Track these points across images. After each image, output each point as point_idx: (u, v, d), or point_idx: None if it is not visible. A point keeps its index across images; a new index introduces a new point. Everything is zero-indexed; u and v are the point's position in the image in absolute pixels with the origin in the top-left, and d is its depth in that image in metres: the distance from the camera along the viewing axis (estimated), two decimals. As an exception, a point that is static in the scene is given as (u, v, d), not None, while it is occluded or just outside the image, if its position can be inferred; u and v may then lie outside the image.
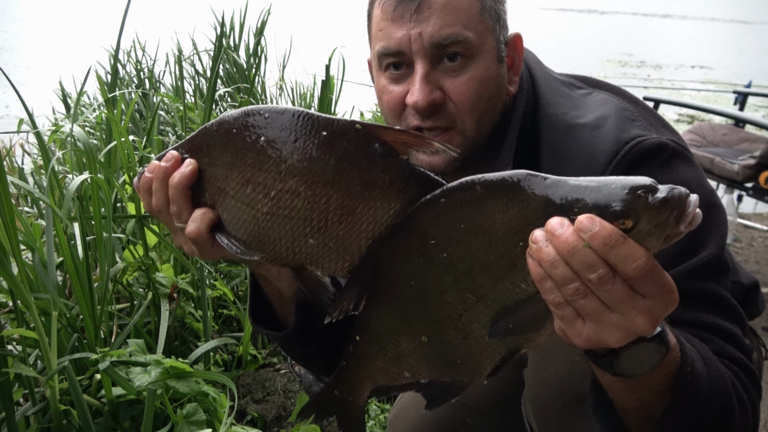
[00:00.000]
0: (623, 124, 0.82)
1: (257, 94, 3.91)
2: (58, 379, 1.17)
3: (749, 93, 4.05)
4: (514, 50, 0.89)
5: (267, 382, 1.68)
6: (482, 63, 0.83)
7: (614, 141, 0.80)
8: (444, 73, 0.83)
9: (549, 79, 0.90)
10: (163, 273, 1.56)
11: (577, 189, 0.48)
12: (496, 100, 0.87)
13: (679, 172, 0.79)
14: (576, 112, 0.85)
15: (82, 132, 1.31)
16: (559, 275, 0.49)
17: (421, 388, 0.68)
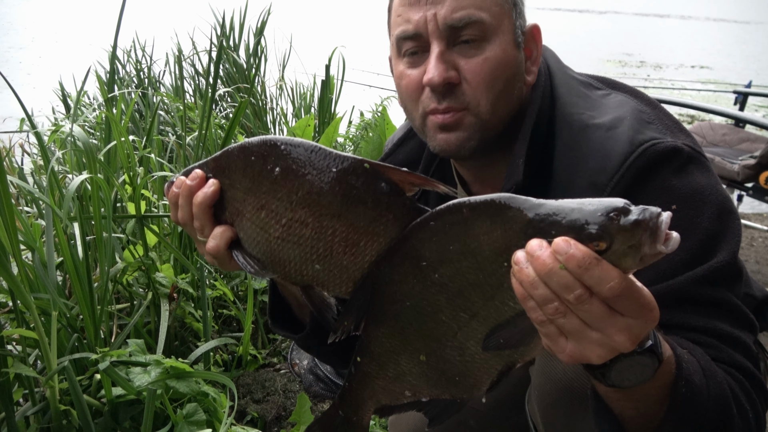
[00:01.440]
0: (639, 126, 0.81)
1: (257, 94, 3.91)
2: (58, 379, 1.17)
3: (749, 93, 4.05)
4: (533, 41, 0.88)
5: (267, 382, 1.68)
6: (498, 45, 0.83)
7: (628, 143, 0.79)
8: (459, 54, 0.83)
9: (567, 78, 0.90)
10: (163, 273, 1.56)
11: (555, 211, 0.50)
12: (512, 85, 0.86)
13: (693, 177, 0.78)
14: (592, 113, 0.84)
15: (82, 132, 1.31)
16: (540, 295, 0.51)
17: (422, 407, 0.70)
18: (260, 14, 4.12)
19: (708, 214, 0.77)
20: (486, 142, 0.86)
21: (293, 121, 3.95)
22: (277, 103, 4.17)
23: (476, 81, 0.82)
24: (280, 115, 4.05)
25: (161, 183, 1.84)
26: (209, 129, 2.05)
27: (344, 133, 2.60)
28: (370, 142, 2.68)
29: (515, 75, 0.86)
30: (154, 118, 1.90)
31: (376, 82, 4.28)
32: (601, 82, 0.93)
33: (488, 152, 0.89)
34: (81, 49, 8.73)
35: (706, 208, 0.77)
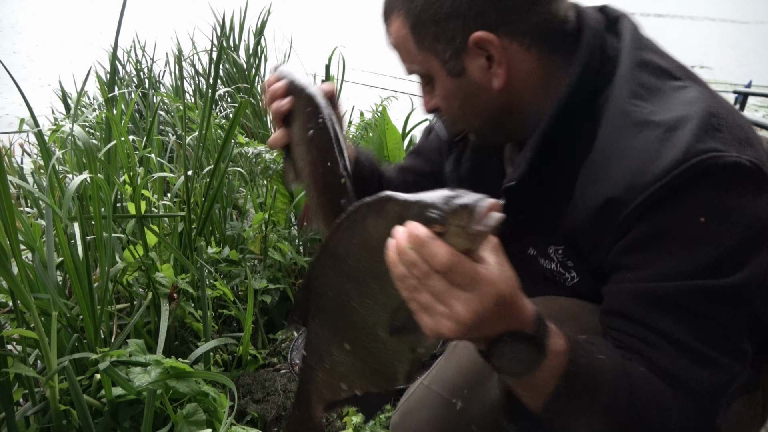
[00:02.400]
0: (703, 133, 0.71)
1: (257, 94, 3.92)
2: (58, 379, 1.17)
3: (749, 93, 4.05)
4: (479, 51, 0.82)
5: (267, 382, 1.68)
6: (439, 84, 0.88)
7: (684, 150, 0.70)
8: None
9: (635, 64, 0.79)
10: (163, 273, 1.56)
11: (415, 202, 0.61)
12: (469, 106, 0.88)
13: (739, 195, 0.70)
14: (655, 107, 0.76)
15: (82, 132, 1.31)
16: (399, 274, 0.61)
17: (358, 402, 0.76)
18: (260, 14, 4.12)
19: (736, 234, 0.70)
20: (498, 140, 0.93)
21: (293, 121, 3.94)
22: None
23: (448, 114, 0.93)
24: (280, 115, 4.04)
25: (161, 183, 1.84)
26: (209, 129, 2.05)
27: (344, 133, 2.60)
28: (370, 142, 2.68)
29: (467, 98, 0.87)
30: (154, 118, 1.90)
31: (376, 82, 4.28)
32: (680, 69, 0.83)
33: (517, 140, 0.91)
34: (81, 49, 8.73)
35: (736, 227, 0.70)
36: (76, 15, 14.36)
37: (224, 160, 1.74)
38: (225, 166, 1.75)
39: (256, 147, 2.29)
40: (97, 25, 12.00)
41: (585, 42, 0.82)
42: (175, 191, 1.75)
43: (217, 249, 1.88)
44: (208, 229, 1.98)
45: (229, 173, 2.14)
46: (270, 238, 2.13)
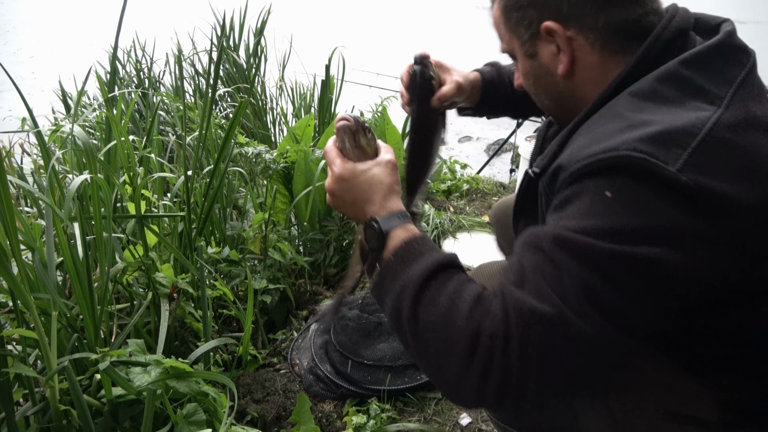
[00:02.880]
0: (654, 140, 0.71)
1: (257, 94, 3.91)
2: (58, 379, 1.17)
3: (749, 93, 4.04)
4: (549, 38, 0.90)
5: (267, 382, 1.68)
6: (519, 62, 0.99)
7: (623, 141, 0.72)
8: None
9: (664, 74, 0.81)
10: (163, 273, 1.56)
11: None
12: (539, 86, 0.98)
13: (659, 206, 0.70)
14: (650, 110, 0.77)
15: (82, 132, 1.31)
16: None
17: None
18: (260, 14, 4.12)
19: (630, 220, 0.70)
20: (562, 121, 0.98)
21: (293, 121, 3.95)
22: (277, 103, 4.17)
23: (527, 90, 1.02)
24: (280, 115, 4.05)
25: (161, 183, 1.84)
26: (209, 129, 2.05)
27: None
28: (370, 142, 2.67)
29: (537, 79, 0.97)
30: (154, 118, 1.90)
31: (376, 82, 4.28)
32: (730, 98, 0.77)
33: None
34: (81, 49, 8.73)
35: (635, 217, 0.71)
36: (75, 15, 14.36)
37: (224, 160, 1.74)
38: (225, 166, 1.74)
39: (256, 147, 2.29)
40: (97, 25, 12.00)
41: (642, 49, 0.84)
42: (175, 191, 1.75)
43: (217, 249, 1.88)
44: (208, 229, 1.98)
45: (229, 173, 2.14)
46: (270, 238, 2.13)
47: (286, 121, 3.92)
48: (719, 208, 0.70)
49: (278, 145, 2.71)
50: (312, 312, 2.12)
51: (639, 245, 0.70)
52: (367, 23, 14.85)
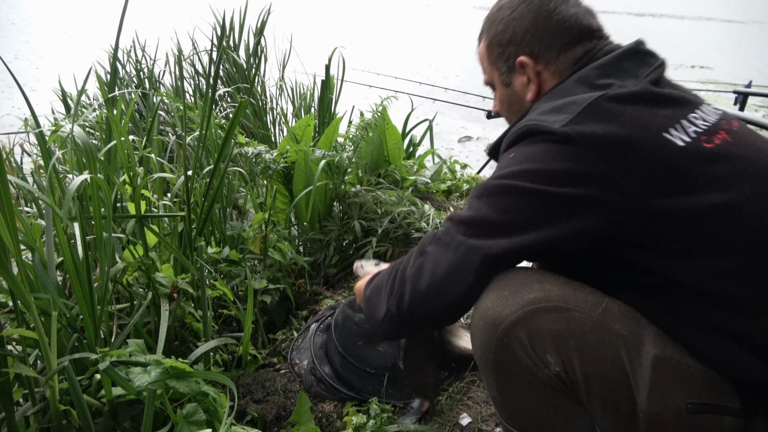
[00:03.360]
0: (541, 111, 0.99)
1: (257, 94, 3.91)
2: (58, 379, 1.17)
3: (749, 93, 4.05)
4: (522, 70, 1.13)
5: (267, 382, 1.67)
6: (497, 91, 1.21)
7: (527, 118, 1.01)
8: None
9: (573, 81, 1.04)
10: (163, 273, 1.56)
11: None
12: (512, 110, 1.20)
13: (532, 145, 0.96)
14: (551, 103, 1.00)
15: (82, 132, 1.31)
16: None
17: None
18: (260, 14, 4.12)
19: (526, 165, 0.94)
20: None
21: (293, 121, 3.95)
22: (277, 103, 4.18)
23: (502, 115, 1.25)
24: (280, 115, 4.05)
25: (161, 183, 1.84)
26: (209, 129, 2.05)
27: (344, 133, 2.60)
28: (370, 142, 2.67)
29: (511, 105, 1.19)
30: (154, 118, 1.90)
31: (376, 82, 4.28)
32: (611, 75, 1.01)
33: None
34: (81, 49, 8.72)
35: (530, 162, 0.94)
36: (75, 15, 14.35)
37: (224, 160, 1.74)
38: (225, 166, 1.74)
39: (256, 147, 2.29)
40: (97, 25, 11.99)
41: (576, 66, 1.07)
42: (175, 191, 1.75)
43: (217, 249, 1.88)
44: (208, 229, 1.98)
45: (229, 173, 2.14)
46: (270, 238, 2.13)
47: (286, 121, 3.92)
48: (592, 146, 0.89)
49: (278, 145, 2.71)
50: (312, 312, 2.12)
51: (529, 181, 0.92)
52: (367, 23, 14.85)
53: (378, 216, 2.40)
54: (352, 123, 3.11)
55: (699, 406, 0.88)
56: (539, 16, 1.09)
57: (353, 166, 2.62)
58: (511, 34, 1.12)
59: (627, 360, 0.90)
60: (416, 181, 2.82)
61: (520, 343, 0.93)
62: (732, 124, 0.97)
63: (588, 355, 0.91)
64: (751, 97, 4.72)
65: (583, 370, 0.91)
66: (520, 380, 0.96)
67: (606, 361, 0.90)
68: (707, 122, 0.94)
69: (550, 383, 0.94)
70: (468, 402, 1.60)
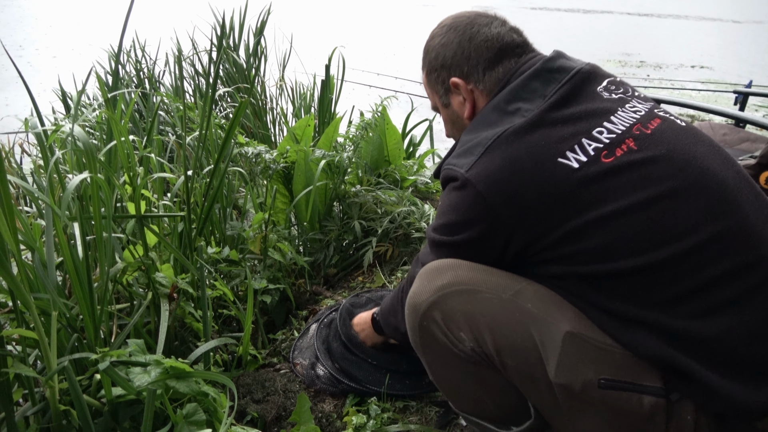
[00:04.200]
0: (457, 155, 1.09)
1: (257, 94, 3.91)
2: (57, 379, 1.17)
3: (749, 93, 4.04)
4: (456, 90, 1.22)
5: (267, 382, 1.67)
6: (442, 112, 1.31)
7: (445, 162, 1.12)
8: None
9: (489, 109, 1.12)
10: (163, 273, 1.56)
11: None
12: (456, 128, 1.29)
13: (450, 193, 1.07)
14: (469, 137, 1.10)
15: (82, 132, 1.31)
16: None
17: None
18: (260, 14, 4.12)
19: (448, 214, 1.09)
20: None
21: (293, 121, 3.95)
22: (277, 103, 4.18)
23: (451, 135, 1.34)
24: (280, 115, 4.05)
25: (161, 183, 1.84)
26: (209, 129, 2.05)
27: (344, 133, 2.60)
28: (370, 142, 2.67)
29: (454, 122, 1.28)
30: (155, 118, 1.90)
31: (376, 82, 4.28)
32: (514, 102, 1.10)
33: None
34: (81, 49, 8.72)
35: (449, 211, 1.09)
36: (75, 16, 14.35)
37: (224, 160, 1.74)
38: (225, 166, 1.74)
39: (256, 147, 2.29)
40: (96, 25, 11.99)
41: (496, 90, 1.16)
42: (175, 191, 1.75)
43: (217, 249, 1.88)
44: (208, 229, 1.98)
45: (229, 173, 2.14)
46: (270, 238, 2.13)
47: (286, 121, 3.92)
48: (491, 187, 0.99)
49: (278, 145, 2.71)
50: (312, 312, 2.12)
51: (448, 235, 1.10)
52: (368, 23, 14.85)
53: (378, 216, 2.40)
54: (352, 123, 3.12)
55: (612, 383, 0.94)
56: (464, 39, 1.18)
57: (353, 166, 2.62)
58: (442, 59, 1.22)
59: (537, 336, 0.98)
60: (416, 181, 2.82)
61: (436, 324, 1.06)
62: (648, 126, 1.01)
63: (498, 331, 1.01)
64: (751, 97, 4.72)
65: (495, 344, 1.01)
66: (444, 359, 1.09)
67: (516, 335, 1.00)
68: (613, 133, 0.99)
69: (468, 358, 1.05)
70: (468, 402, 1.60)
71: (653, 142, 0.98)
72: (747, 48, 13.93)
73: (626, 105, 1.05)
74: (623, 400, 0.94)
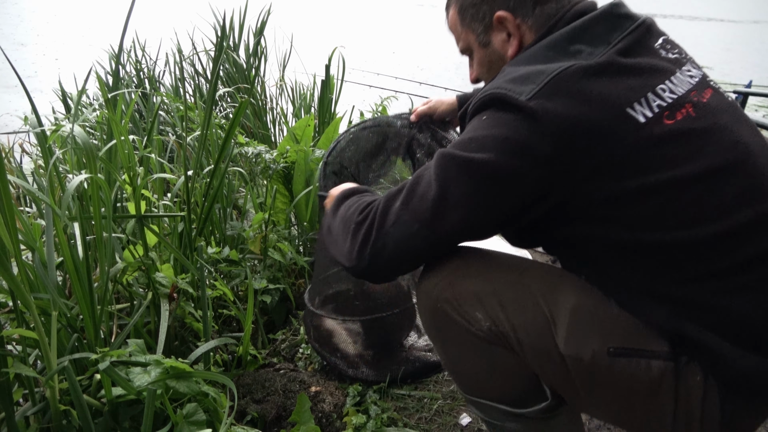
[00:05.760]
0: (510, 80, 0.96)
1: (257, 94, 3.91)
2: (57, 379, 1.17)
3: (749, 93, 4.05)
4: (501, 26, 1.11)
5: (267, 382, 1.67)
6: (475, 54, 1.19)
7: (491, 85, 0.99)
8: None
9: (543, 46, 1.02)
10: (163, 273, 1.56)
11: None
12: (492, 71, 1.16)
13: (494, 114, 0.95)
14: (518, 69, 0.99)
15: (82, 131, 1.31)
16: None
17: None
18: (260, 14, 4.12)
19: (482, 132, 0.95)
20: None
21: (293, 121, 3.95)
22: (277, 103, 4.18)
23: (481, 78, 1.21)
24: (280, 115, 4.05)
25: (161, 183, 1.84)
26: (210, 129, 2.05)
27: (344, 133, 2.60)
28: (370, 142, 2.67)
29: (491, 64, 1.16)
30: (155, 118, 1.90)
31: (376, 82, 4.28)
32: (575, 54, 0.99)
33: None
34: (81, 49, 8.71)
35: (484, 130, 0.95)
36: (75, 16, 14.35)
37: (224, 160, 1.74)
38: (225, 166, 1.74)
39: (256, 147, 2.29)
40: (96, 25, 11.99)
41: (545, 28, 1.05)
42: (175, 191, 1.75)
43: (217, 249, 1.88)
44: (208, 229, 1.98)
45: (229, 173, 2.14)
46: (270, 238, 2.13)
47: (286, 121, 3.92)
48: (556, 126, 0.88)
49: (278, 145, 2.71)
50: (312, 312, 2.12)
51: (476, 152, 0.93)
52: (368, 23, 14.86)
53: (378, 216, 2.40)
54: (352, 123, 3.12)
55: (621, 350, 0.94)
56: None
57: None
58: None
59: (547, 310, 0.98)
60: (416, 181, 2.81)
61: (451, 306, 1.04)
62: (703, 95, 0.96)
63: (510, 309, 1.00)
64: (751, 97, 4.71)
65: (510, 321, 0.99)
66: (460, 340, 1.06)
67: (528, 312, 0.99)
68: (674, 95, 0.94)
69: (485, 337, 1.02)
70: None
71: (709, 113, 0.94)
72: (747, 48, 13.92)
73: (683, 67, 0.99)
74: (632, 367, 0.94)
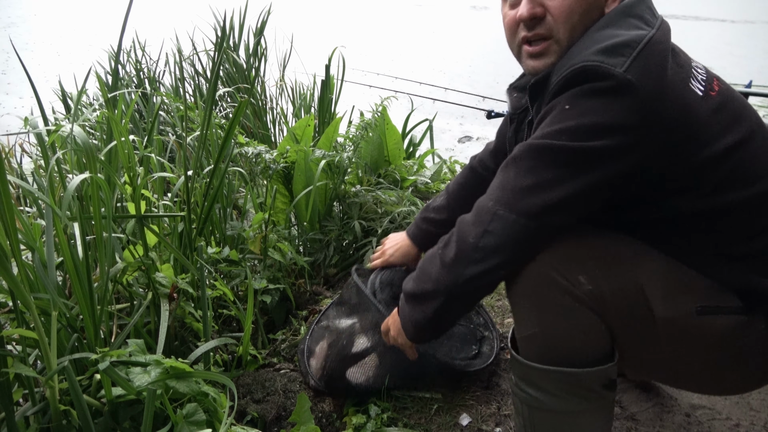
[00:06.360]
0: (601, 50, 0.94)
1: (257, 94, 3.92)
2: (57, 379, 1.17)
3: (749, 93, 4.04)
4: None
5: (267, 382, 1.67)
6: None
7: (582, 57, 0.96)
8: None
9: (620, 11, 1.03)
10: (163, 273, 1.56)
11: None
12: (588, 16, 1.06)
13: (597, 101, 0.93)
14: (598, 35, 0.99)
15: (82, 132, 1.31)
16: None
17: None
18: (260, 14, 4.12)
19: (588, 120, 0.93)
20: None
21: (293, 121, 3.96)
22: (277, 103, 4.18)
23: (557, 14, 1.07)
24: (280, 115, 4.05)
25: (161, 183, 1.84)
26: (210, 129, 2.05)
27: (344, 133, 2.61)
28: (370, 142, 2.67)
29: (590, 8, 1.06)
30: (155, 118, 1.90)
31: (376, 82, 4.28)
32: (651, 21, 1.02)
33: None
34: (81, 49, 8.71)
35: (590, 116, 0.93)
36: (74, 16, 14.35)
37: (224, 160, 1.74)
38: (225, 166, 1.74)
39: (256, 147, 2.29)
40: (96, 25, 11.99)
41: (620, 6, 1.05)
42: (175, 191, 1.75)
43: (217, 249, 1.88)
44: (208, 229, 1.98)
45: (229, 173, 2.14)
46: (270, 238, 2.13)
47: (286, 121, 3.92)
48: (653, 96, 0.90)
49: (278, 145, 2.71)
50: (312, 312, 2.12)
51: (583, 140, 0.93)
52: (368, 23, 14.86)
53: (378, 216, 2.40)
54: (352, 123, 3.12)
55: (706, 308, 1.00)
56: None
57: (353, 166, 2.62)
58: None
59: (638, 275, 1.02)
60: (416, 181, 2.82)
61: (555, 269, 1.04)
62: (713, 86, 1.04)
63: (606, 275, 1.02)
64: (751, 97, 4.71)
65: (609, 286, 1.02)
66: (560, 302, 1.05)
67: (622, 277, 1.02)
68: (702, 71, 1.02)
69: (585, 299, 1.03)
70: (468, 402, 1.60)
71: (726, 87, 1.03)
72: (747, 48, 13.92)
73: (692, 63, 1.06)
74: (714, 323, 1.01)
